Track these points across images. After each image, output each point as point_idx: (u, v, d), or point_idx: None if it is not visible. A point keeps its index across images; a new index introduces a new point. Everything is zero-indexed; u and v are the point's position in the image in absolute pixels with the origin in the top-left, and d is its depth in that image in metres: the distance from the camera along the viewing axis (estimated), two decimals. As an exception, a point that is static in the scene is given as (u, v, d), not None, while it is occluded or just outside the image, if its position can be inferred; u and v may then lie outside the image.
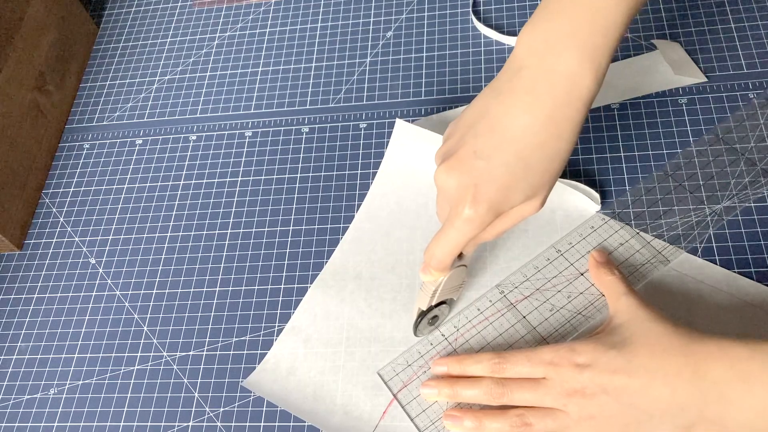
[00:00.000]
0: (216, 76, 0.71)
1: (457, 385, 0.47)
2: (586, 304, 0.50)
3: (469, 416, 0.46)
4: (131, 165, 0.66)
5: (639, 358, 0.42)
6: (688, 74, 0.59)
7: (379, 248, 0.56)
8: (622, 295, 0.47)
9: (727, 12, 0.63)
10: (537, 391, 0.44)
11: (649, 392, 0.41)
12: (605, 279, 0.49)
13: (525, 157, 0.42)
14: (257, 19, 0.75)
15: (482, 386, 0.46)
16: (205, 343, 0.55)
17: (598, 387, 0.42)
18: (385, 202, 0.59)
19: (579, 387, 0.43)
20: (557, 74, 0.42)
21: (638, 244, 0.52)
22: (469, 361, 0.48)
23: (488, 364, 0.46)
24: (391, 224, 0.57)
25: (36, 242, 0.64)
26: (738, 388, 0.39)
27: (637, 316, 0.45)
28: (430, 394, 0.48)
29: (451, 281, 0.48)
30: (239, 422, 0.51)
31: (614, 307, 0.47)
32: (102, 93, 0.73)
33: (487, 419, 0.45)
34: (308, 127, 0.65)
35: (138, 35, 0.77)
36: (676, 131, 0.58)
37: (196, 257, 0.59)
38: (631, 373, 0.42)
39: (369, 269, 0.55)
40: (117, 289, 0.59)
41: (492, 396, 0.46)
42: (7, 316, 0.60)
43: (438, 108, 0.64)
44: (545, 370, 0.44)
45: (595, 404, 0.42)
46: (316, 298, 0.55)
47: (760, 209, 0.53)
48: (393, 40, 0.70)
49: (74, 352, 0.57)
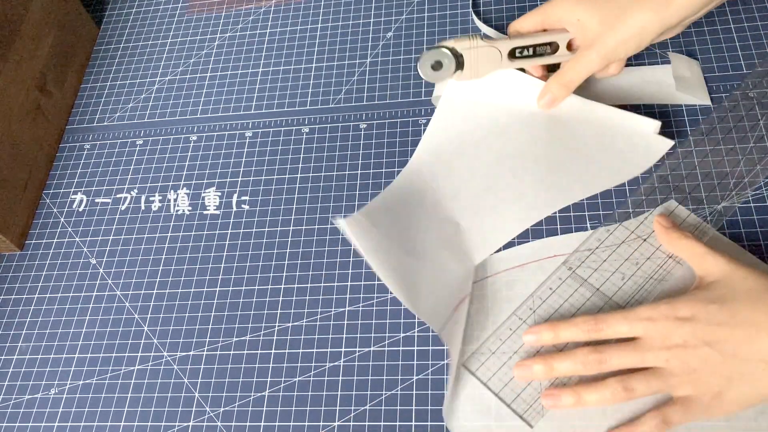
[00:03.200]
0: (216, 76, 0.71)
1: (551, 360, 0.46)
2: (655, 268, 0.50)
3: (567, 392, 0.46)
4: (132, 165, 0.67)
5: (743, 312, 0.43)
6: (692, 93, 0.58)
7: (440, 179, 0.57)
8: (707, 254, 0.47)
9: (727, 12, 0.63)
10: (637, 351, 0.44)
11: (754, 343, 0.42)
12: (680, 243, 0.49)
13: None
14: (257, 20, 0.75)
15: (578, 356, 0.46)
16: (205, 343, 0.55)
17: (700, 340, 0.43)
18: (445, 137, 0.60)
19: (680, 341, 0.43)
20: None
21: (684, 213, 0.53)
22: (563, 326, 0.47)
23: (583, 326, 0.46)
24: (451, 156, 0.59)
25: (37, 243, 0.64)
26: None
27: (731, 273, 0.45)
28: (524, 375, 0.47)
29: (480, 51, 0.55)
30: (239, 422, 0.51)
31: (701, 267, 0.47)
32: (103, 93, 0.73)
33: (586, 392, 0.45)
34: (308, 127, 0.65)
35: (139, 36, 0.77)
36: (676, 131, 0.58)
37: (196, 257, 0.59)
38: (734, 326, 0.42)
39: (432, 196, 0.57)
40: (117, 289, 0.59)
41: (589, 364, 0.45)
42: (7, 316, 0.60)
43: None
44: (644, 327, 0.45)
45: (697, 356, 0.43)
46: (405, 183, 0.57)
47: (760, 209, 0.53)
48: (393, 40, 0.70)
49: (74, 352, 0.57)
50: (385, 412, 0.50)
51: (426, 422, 0.49)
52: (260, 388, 0.52)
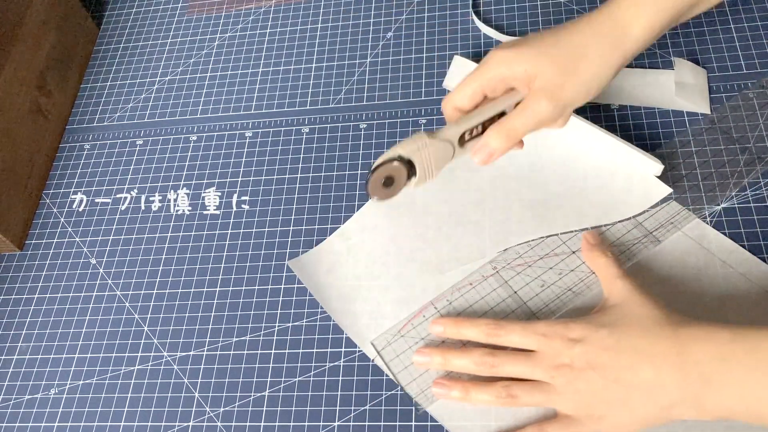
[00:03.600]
0: (217, 76, 0.71)
1: (449, 354, 0.49)
2: (576, 281, 0.52)
3: (458, 386, 0.48)
4: (132, 165, 0.67)
5: (629, 338, 0.43)
6: (692, 101, 0.58)
7: (437, 181, 0.57)
8: (617, 278, 0.48)
9: (727, 12, 0.63)
10: (527, 364, 0.46)
11: (634, 371, 0.42)
12: (599, 261, 0.50)
13: (563, 64, 0.47)
14: (258, 20, 0.75)
15: (474, 355, 0.47)
16: (205, 343, 0.55)
17: (586, 363, 0.44)
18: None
19: (568, 361, 0.44)
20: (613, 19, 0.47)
21: (630, 224, 0.53)
22: (466, 324, 0.49)
23: (484, 328, 0.48)
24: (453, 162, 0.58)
25: (37, 242, 0.64)
26: (718, 370, 0.40)
27: (630, 299, 0.46)
28: (423, 362, 0.49)
29: (432, 152, 0.47)
30: (239, 422, 0.51)
31: (608, 290, 0.48)
32: (103, 93, 0.73)
33: (475, 390, 0.47)
34: (308, 127, 0.65)
35: (139, 36, 0.77)
36: (676, 131, 0.58)
37: (196, 257, 0.59)
38: (619, 352, 0.43)
39: (423, 197, 0.58)
40: (117, 289, 0.59)
41: (482, 366, 0.47)
42: (7, 316, 0.60)
43: (438, 108, 0.64)
44: (537, 342, 0.46)
45: (582, 379, 0.44)
46: (369, 213, 0.58)
47: (760, 209, 0.53)
48: (393, 40, 0.70)
49: (74, 352, 0.57)
50: (385, 412, 0.50)
51: (426, 422, 0.49)
52: (260, 388, 0.52)
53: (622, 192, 0.54)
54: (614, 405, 0.43)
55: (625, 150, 0.54)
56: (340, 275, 0.55)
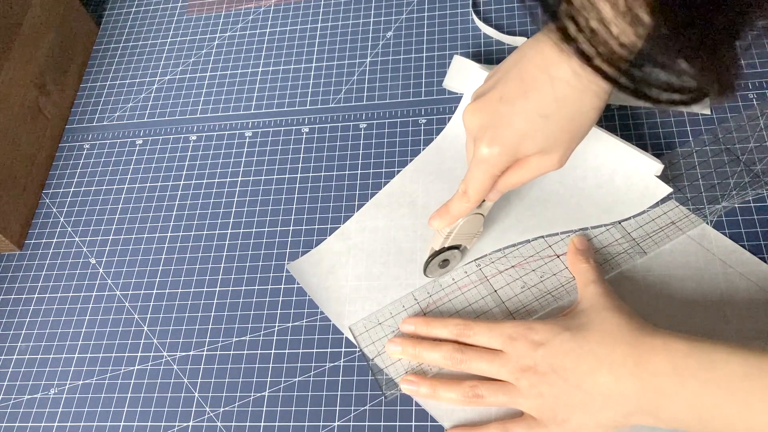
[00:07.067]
0: (216, 76, 0.71)
1: (420, 346, 0.49)
2: (557, 286, 0.52)
3: (426, 384, 0.48)
4: (131, 165, 0.67)
5: (590, 343, 0.44)
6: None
7: (438, 181, 0.59)
8: (591, 283, 0.48)
9: (727, 12, 0.63)
10: (493, 363, 0.46)
11: (594, 377, 0.42)
12: (579, 266, 0.50)
13: (545, 109, 0.43)
14: (257, 19, 0.75)
15: (443, 350, 0.48)
16: (205, 343, 0.55)
17: (549, 366, 0.44)
18: (456, 142, 0.60)
19: (532, 363, 0.45)
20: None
21: (618, 234, 0.53)
22: (437, 324, 0.50)
23: (453, 328, 0.49)
24: (455, 161, 0.59)
25: (36, 242, 0.64)
26: (672, 382, 0.40)
27: (597, 304, 0.46)
28: (395, 351, 0.50)
29: (466, 227, 0.50)
30: (239, 422, 0.51)
31: (581, 294, 0.49)
32: (102, 93, 0.73)
33: (441, 388, 0.48)
34: (308, 127, 0.65)
35: (138, 35, 0.77)
36: (676, 131, 0.58)
37: (196, 257, 0.59)
38: (580, 356, 0.43)
39: (424, 198, 0.58)
40: (117, 289, 0.59)
41: (451, 360, 0.48)
42: (7, 316, 0.60)
43: (438, 108, 0.64)
44: (503, 343, 0.46)
45: (545, 382, 0.44)
46: (369, 213, 0.58)
47: (760, 209, 0.53)
48: (393, 40, 0.70)
49: (74, 352, 0.57)
50: (385, 412, 0.50)
51: (426, 422, 0.49)
52: (260, 388, 0.52)
53: (621, 191, 0.54)
54: (577, 409, 0.43)
55: (625, 150, 0.54)
56: (340, 276, 0.56)
